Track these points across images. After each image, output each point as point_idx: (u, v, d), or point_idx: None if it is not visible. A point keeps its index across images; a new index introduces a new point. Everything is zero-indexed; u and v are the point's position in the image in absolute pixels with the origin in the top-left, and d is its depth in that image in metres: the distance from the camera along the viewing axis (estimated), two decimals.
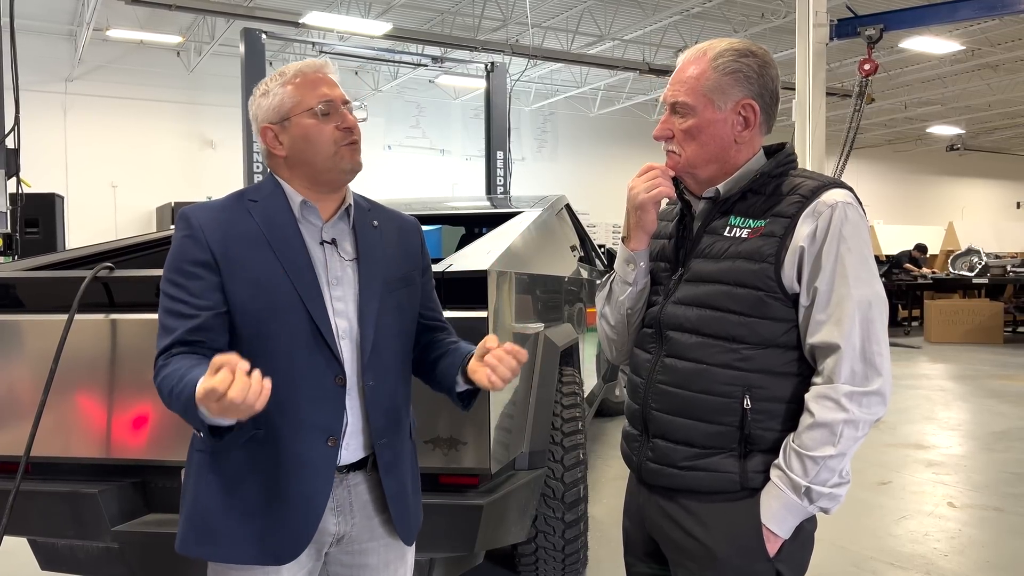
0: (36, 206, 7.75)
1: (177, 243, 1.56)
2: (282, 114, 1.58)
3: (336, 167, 1.59)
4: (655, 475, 1.59)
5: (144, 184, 15.15)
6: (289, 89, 1.58)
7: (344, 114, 1.60)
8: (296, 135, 1.57)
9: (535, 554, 3.03)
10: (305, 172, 1.60)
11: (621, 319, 1.70)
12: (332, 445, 1.56)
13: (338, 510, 1.62)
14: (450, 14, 14.32)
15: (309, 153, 1.58)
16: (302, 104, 1.57)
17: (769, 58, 1.56)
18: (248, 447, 1.54)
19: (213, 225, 1.55)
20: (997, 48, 16.09)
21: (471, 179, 18.15)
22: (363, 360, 1.59)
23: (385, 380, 1.63)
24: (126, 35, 13.93)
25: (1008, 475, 5.06)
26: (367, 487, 1.65)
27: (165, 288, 1.55)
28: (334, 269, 1.60)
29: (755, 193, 1.54)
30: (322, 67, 1.62)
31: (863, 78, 9.67)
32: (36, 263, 2.98)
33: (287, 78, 1.59)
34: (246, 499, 1.55)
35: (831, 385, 1.44)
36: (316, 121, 1.57)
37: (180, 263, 1.54)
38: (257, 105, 1.60)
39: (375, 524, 1.67)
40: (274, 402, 1.45)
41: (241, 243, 1.54)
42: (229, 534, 1.55)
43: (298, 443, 1.54)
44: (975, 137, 25.36)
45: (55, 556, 2.62)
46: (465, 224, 5.46)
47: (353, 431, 1.60)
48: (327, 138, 1.57)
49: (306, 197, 1.60)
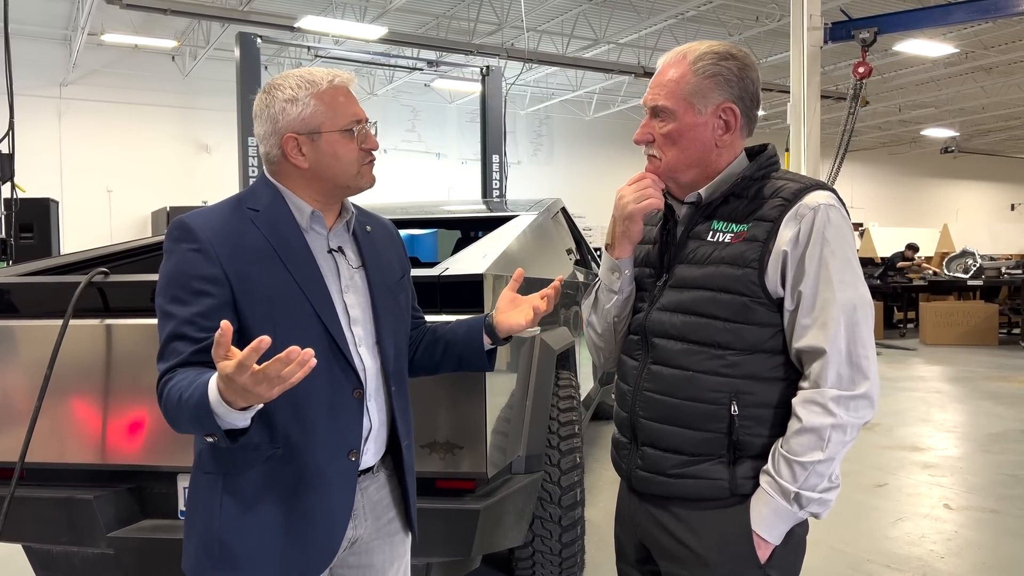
0: (31, 211, 7.73)
1: (180, 256, 1.47)
2: (312, 127, 1.53)
3: (356, 185, 1.59)
4: (645, 483, 1.59)
5: (139, 189, 15.14)
6: (320, 103, 1.53)
7: (369, 134, 1.59)
8: (325, 151, 1.54)
9: (532, 558, 3.03)
10: (323, 186, 1.58)
11: (608, 327, 1.69)
12: (353, 459, 1.55)
13: (353, 515, 1.62)
14: (445, 18, 14.33)
15: (335, 170, 1.56)
16: (335, 122, 1.54)
17: (749, 60, 1.55)
18: (266, 466, 1.50)
19: (221, 238, 1.49)
20: (991, 51, 16.15)
21: (467, 183, 18.15)
22: (387, 366, 1.61)
23: (402, 384, 1.67)
24: (121, 39, 13.92)
25: (1004, 477, 5.07)
26: (376, 487, 1.68)
27: (167, 306, 1.46)
28: (345, 277, 1.60)
29: (737, 197, 1.53)
30: (351, 82, 1.60)
31: (857, 81, 9.71)
32: (31, 268, 2.97)
33: (320, 89, 1.54)
34: (266, 518, 1.50)
35: (818, 390, 1.43)
36: (347, 140, 1.55)
37: (186, 279, 1.45)
38: (280, 110, 1.53)
39: (382, 524, 1.70)
40: (293, 419, 1.47)
41: (252, 258, 1.49)
42: (249, 556, 1.49)
43: (319, 459, 1.51)
44: (969, 139, 25.44)
45: (50, 562, 2.62)
46: (461, 228, 5.45)
47: (375, 436, 1.62)
48: (353, 157, 1.57)
49: (315, 208, 1.58)
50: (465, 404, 2.32)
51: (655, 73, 1.57)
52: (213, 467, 1.52)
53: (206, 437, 1.39)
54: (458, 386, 2.31)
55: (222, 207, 1.58)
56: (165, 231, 1.57)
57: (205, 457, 1.53)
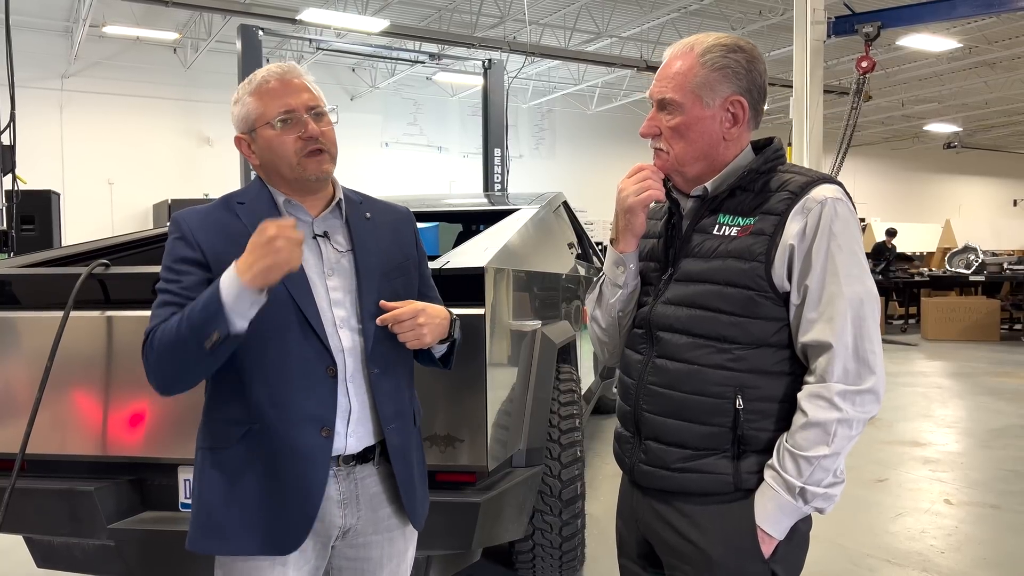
0: (32, 203, 7.71)
1: (169, 245, 1.62)
2: (249, 125, 1.62)
3: (301, 176, 1.62)
4: (648, 477, 1.58)
5: (140, 181, 15.12)
6: (253, 99, 1.61)
7: (306, 122, 1.59)
8: (262, 146, 1.62)
9: (532, 551, 3.03)
10: (278, 180, 1.65)
11: (612, 321, 1.68)
12: (326, 435, 1.58)
13: (344, 503, 1.64)
14: (447, 11, 14.29)
15: (276, 163, 1.62)
16: (264, 116, 1.59)
17: (757, 53, 1.54)
18: (245, 441, 1.57)
19: (201, 227, 1.61)
20: (994, 46, 16.10)
21: (469, 176, 18.13)
22: (367, 348, 1.63)
23: (389, 367, 1.68)
24: (122, 31, 13.89)
25: (1005, 472, 5.07)
26: (375, 479, 1.69)
27: (160, 285, 1.60)
28: (329, 260, 1.64)
29: (744, 190, 1.52)
30: (286, 73, 1.62)
31: (860, 75, 9.67)
32: (32, 260, 2.97)
33: (252, 86, 1.62)
34: (247, 492, 1.58)
35: (824, 384, 1.42)
36: (277, 132, 1.59)
37: (171, 262, 1.60)
38: (232, 113, 1.65)
39: (380, 517, 1.70)
40: (267, 394, 1.54)
41: (228, 241, 1.57)
42: (233, 527, 1.58)
43: (292, 434, 1.57)
44: (972, 135, 25.38)
45: (51, 554, 2.62)
46: (462, 221, 5.45)
47: (359, 419, 1.63)
48: (288, 149, 1.59)
49: (288, 197, 1.65)
50: (466, 397, 2.32)
51: (661, 66, 1.55)
52: (202, 442, 1.63)
53: (204, 344, 1.45)
54: (459, 379, 2.31)
55: (211, 205, 1.69)
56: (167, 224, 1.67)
57: (199, 433, 1.64)
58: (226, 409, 1.59)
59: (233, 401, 1.57)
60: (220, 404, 1.61)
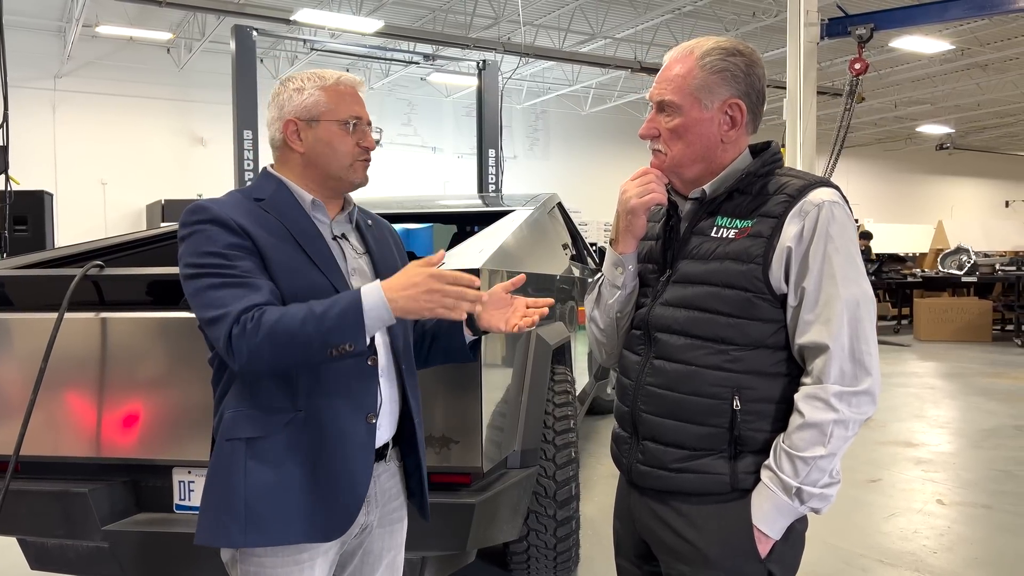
0: (25, 203, 7.67)
1: (202, 232, 1.54)
2: (313, 114, 1.65)
3: (347, 178, 1.68)
4: (645, 477, 1.59)
5: (134, 181, 15.07)
6: (326, 95, 1.66)
7: (367, 133, 1.70)
8: (321, 137, 1.65)
9: (527, 552, 3.03)
10: (316, 174, 1.68)
11: (611, 322, 1.69)
12: (371, 422, 1.62)
13: (366, 501, 1.67)
14: (442, 11, 14.30)
15: (327, 157, 1.66)
16: (335, 112, 1.65)
17: (756, 57, 1.56)
18: (288, 429, 1.57)
19: (238, 214, 1.57)
20: (986, 48, 16.18)
21: (463, 177, 18.13)
22: (396, 345, 1.70)
23: (411, 363, 1.75)
24: (116, 31, 13.86)
25: (996, 472, 5.10)
26: (388, 475, 1.75)
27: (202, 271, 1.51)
28: (351, 261, 1.70)
29: (741, 193, 1.54)
30: (359, 85, 1.72)
31: (853, 77, 9.73)
32: (25, 261, 2.96)
33: (326, 83, 1.67)
34: (292, 479, 1.56)
35: (820, 385, 1.44)
36: (342, 132, 1.66)
37: (217, 247, 1.52)
38: (288, 98, 1.65)
39: (387, 511, 1.75)
40: (314, 383, 1.57)
41: (268, 233, 1.58)
42: (276, 517, 1.55)
43: (340, 421, 1.58)
44: (964, 136, 25.49)
45: (45, 555, 2.61)
46: (457, 222, 5.46)
47: (386, 411, 1.68)
48: (347, 149, 1.66)
49: (314, 196, 1.68)
50: (461, 399, 2.32)
51: (661, 68, 1.57)
52: (238, 433, 1.57)
53: (329, 350, 1.45)
54: (454, 380, 2.31)
55: (233, 196, 1.66)
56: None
57: (228, 424, 1.59)
58: (267, 398, 1.57)
59: (276, 390, 1.56)
60: (257, 393, 1.57)
